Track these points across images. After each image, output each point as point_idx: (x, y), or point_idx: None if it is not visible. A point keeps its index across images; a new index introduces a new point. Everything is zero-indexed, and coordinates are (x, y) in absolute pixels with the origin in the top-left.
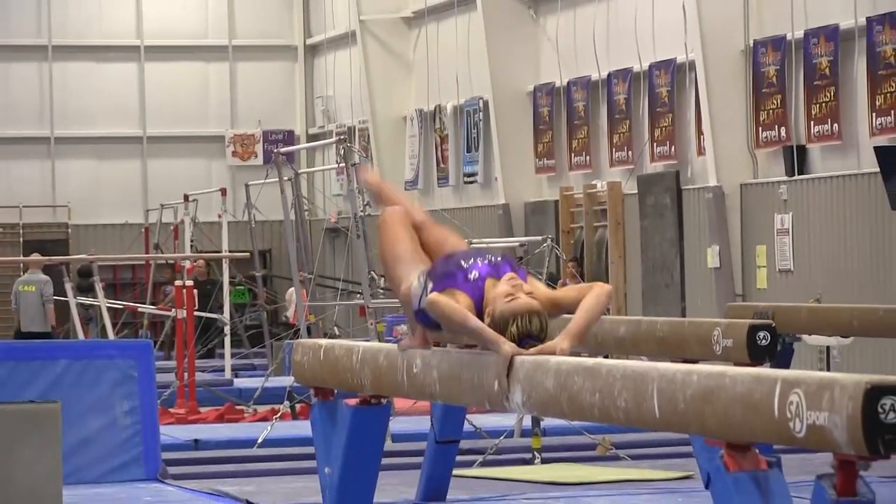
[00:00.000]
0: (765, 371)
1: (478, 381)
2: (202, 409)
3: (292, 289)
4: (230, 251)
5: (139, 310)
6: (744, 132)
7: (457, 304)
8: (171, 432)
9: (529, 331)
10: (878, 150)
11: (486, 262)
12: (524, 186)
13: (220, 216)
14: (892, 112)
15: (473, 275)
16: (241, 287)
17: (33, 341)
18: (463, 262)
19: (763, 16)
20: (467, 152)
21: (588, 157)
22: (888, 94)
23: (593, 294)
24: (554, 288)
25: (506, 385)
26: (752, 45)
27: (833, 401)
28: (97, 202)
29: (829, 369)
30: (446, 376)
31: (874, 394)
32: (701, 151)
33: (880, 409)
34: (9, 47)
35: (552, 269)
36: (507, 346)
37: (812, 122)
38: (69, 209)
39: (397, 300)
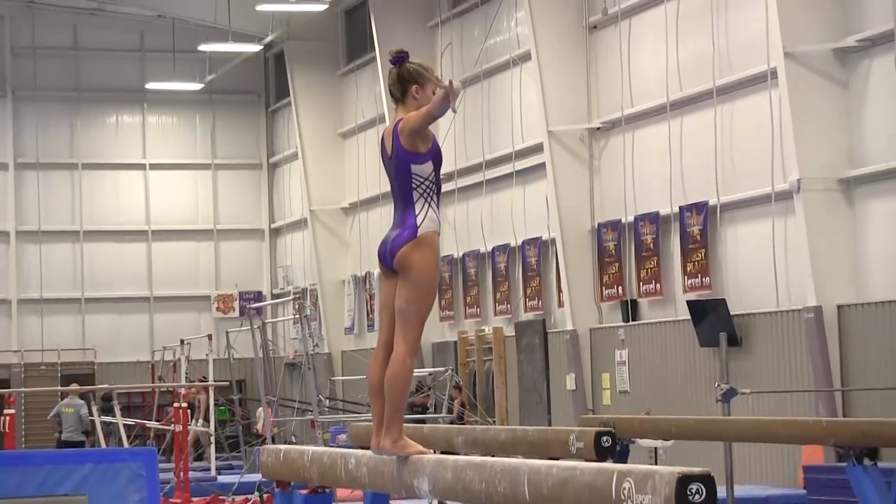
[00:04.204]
0: (606, 465)
1: (396, 474)
2: (194, 499)
3: (261, 408)
4: (215, 381)
5: (147, 425)
6: (591, 290)
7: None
8: None
9: None
10: (690, 304)
11: None
12: (431, 331)
13: (207, 355)
14: (699, 275)
15: None
16: (223, 407)
17: (69, 449)
18: None
19: (604, 205)
20: None
21: (478, 309)
22: (696, 262)
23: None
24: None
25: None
26: (596, 226)
27: (655, 486)
28: (116, 345)
29: (656, 464)
30: (373, 471)
31: (684, 480)
32: (561, 304)
33: (689, 492)
34: (50, 233)
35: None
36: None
37: (641, 283)
38: (95, 351)
39: (337, 417)
